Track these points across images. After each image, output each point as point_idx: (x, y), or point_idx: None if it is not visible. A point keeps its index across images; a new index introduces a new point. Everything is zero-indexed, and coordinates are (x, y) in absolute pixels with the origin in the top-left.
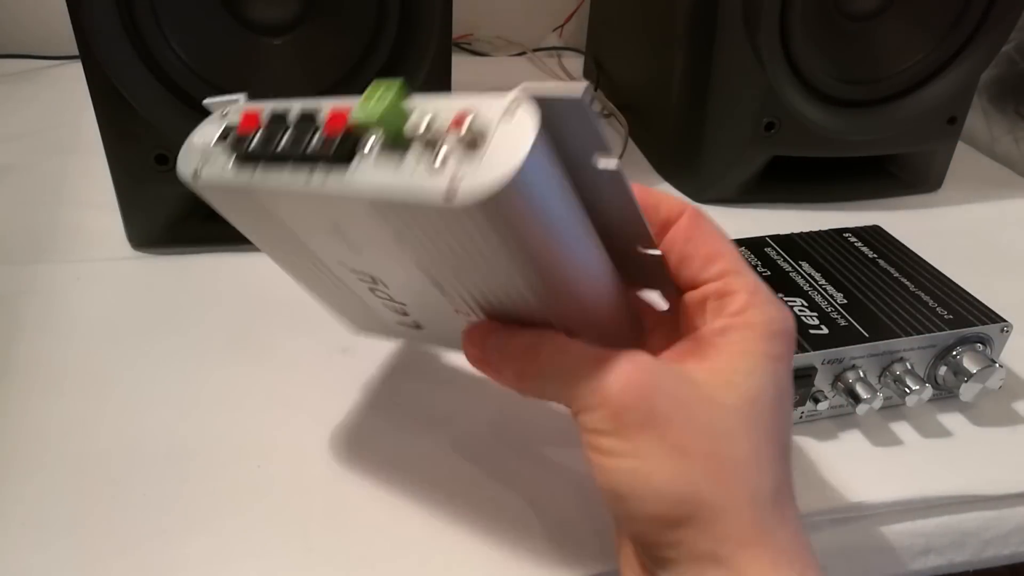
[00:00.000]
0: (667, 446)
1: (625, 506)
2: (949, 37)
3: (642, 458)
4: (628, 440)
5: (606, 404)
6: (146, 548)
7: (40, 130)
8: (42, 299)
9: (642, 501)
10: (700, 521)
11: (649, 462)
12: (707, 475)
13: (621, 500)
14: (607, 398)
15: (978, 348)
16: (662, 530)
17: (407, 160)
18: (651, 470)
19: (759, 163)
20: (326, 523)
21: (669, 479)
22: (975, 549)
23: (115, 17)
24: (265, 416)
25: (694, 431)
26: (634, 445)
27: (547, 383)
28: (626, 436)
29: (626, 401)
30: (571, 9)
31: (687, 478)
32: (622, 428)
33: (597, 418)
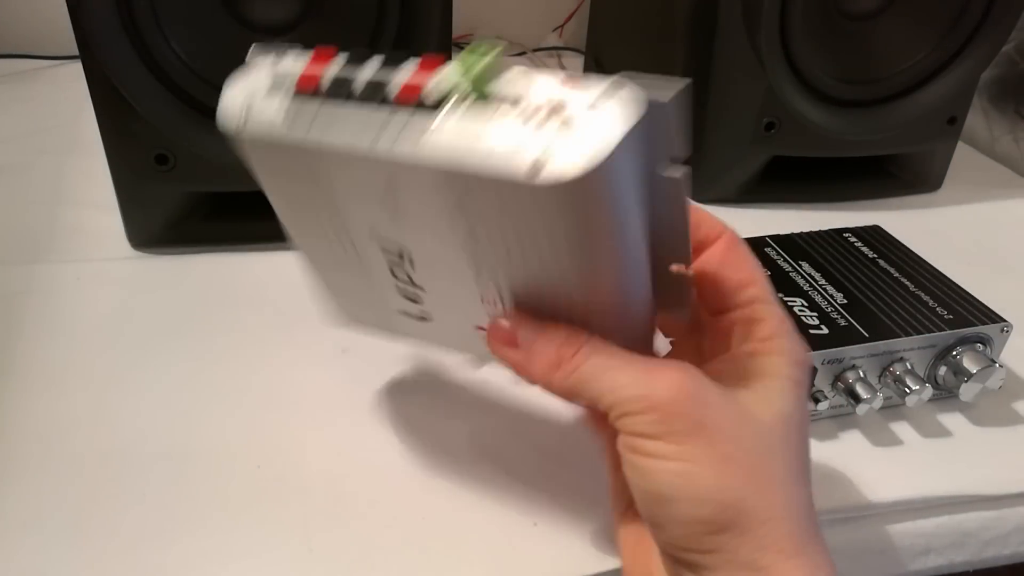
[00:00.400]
0: (715, 454)
1: (668, 509)
2: (949, 37)
3: (690, 462)
4: (677, 444)
5: (656, 409)
6: (146, 548)
7: (40, 130)
8: (42, 299)
9: (687, 503)
10: (742, 529)
11: (697, 467)
12: (750, 485)
13: (664, 503)
14: (657, 403)
15: (978, 348)
16: (703, 536)
17: (493, 127)
18: (698, 474)
19: (759, 163)
20: (326, 523)
21: (715, 485)
22: (975, 549)
23: (115, 17)
24: (265, 416)
25: (739, 443)
26: (683, 449)
27: (586, 383)
28: (675, 441)
29: (677, 408)
30: (571, 9)
31: (733, 485)
32: (671, 433)
33: (645, 422)
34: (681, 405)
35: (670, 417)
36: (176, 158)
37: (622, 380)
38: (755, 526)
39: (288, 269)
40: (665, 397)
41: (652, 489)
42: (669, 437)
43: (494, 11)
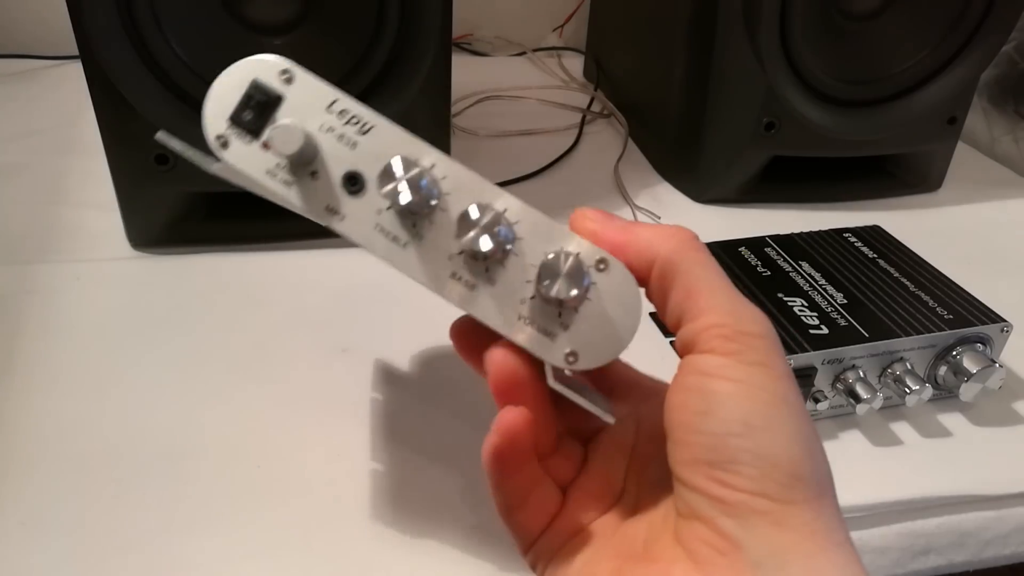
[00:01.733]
0: (799, 402)
1: (752, 440)
2: (949, 37)
3: (783, 400)
4: (772, 379)
5: (759, 337)
6: (145, 548)
7: (40, 130)
8: (42, 299)
9: (781, 436)
10: (822, 487)
11: (787, 407)
12: (821, 451)
13: (749, 433)
14: (760, 333)
15: (978, 348)
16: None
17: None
18: (790, 414)
19: (759, 163)
20: (325, 523)
21: (804, 430)
22: (975, 549)
23: (115, 17)
24: (265, 416)
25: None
26: (776, 385)
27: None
28: (769, 375)
29: (777, 346)
30: (571, 9)
31: (815, 440)
32: (767, 364)
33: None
34: (777, 345)
35: (768, 350)
36: (176, 158)
37: (728, 293)
38: (831, 492)
39: (288, 269)
40: (765, 330)
41: (736, 417)
42: (762, 368)
43: (494, 11)
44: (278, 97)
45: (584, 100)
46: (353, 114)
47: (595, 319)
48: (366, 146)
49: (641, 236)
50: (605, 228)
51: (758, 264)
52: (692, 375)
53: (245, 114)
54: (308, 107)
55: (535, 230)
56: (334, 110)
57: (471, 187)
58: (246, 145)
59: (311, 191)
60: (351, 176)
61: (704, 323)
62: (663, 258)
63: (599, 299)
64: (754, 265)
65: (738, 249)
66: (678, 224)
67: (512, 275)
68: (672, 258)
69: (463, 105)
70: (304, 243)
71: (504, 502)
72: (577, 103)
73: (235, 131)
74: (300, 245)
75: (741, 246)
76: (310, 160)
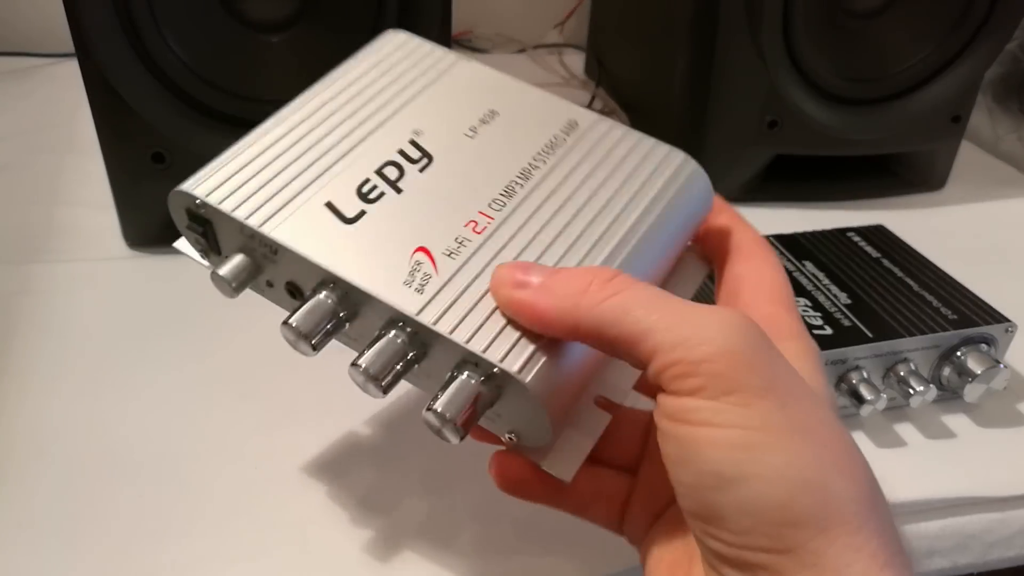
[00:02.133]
0: (789, 420)
1: (729, 494)
2: (953, 35)
3: (759, 431)
4: (742, 407)
5: (713, 359)
6: (142, 549)
7: (36, 128)
8: (38, 299)
9: (756, 483)
10: (828, 521)
11: (767, 436)
12: (835, 464)
13: (724, 486)
14: (715, 352)
15: (982, 348)
16: (777, 528)
17: None
18: (770, 446)
19: (762, 162)
20: (324, 524)
21: (791, 461)
22: (980, 551)
23: (112, 14)
24: (263, 417)
25: (813, 411)
26: (748, 414)
27: (622, 315)
28: (739, 402)
29: (741, 360)
30: (572, 5)
31: (813, 462)
32: (734, 392)
33: (697, 377)
34: (745, 356)
35: (732, 371)
36: (172, 157)
37: (668, 319)
38: (845, 518)
39: None
40: (724, 345)
41: (707, 469)
42: (730, 397)
43: (494, 8)
44: (208, 222)
45: (585, 98)
46: (259, 237)
47: (513, 416)
48: (282, 264)
49: (553, 306)
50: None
51: None
52: (662, 419)
53: (198, 244)
54: (230, 232)
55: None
56: (245, 233)
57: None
58: (219, 259)
59: (277, 296)
60: (291, 287)
61: (656, 367)
62: (584, 326)
63: (507, 403)
64: None
65: None
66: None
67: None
68: (590, 321)
69: None
70: None
71: (566, 510)
72: (578, 101)
73: (204, 251)
74: None
75: None
76: (257, 274)
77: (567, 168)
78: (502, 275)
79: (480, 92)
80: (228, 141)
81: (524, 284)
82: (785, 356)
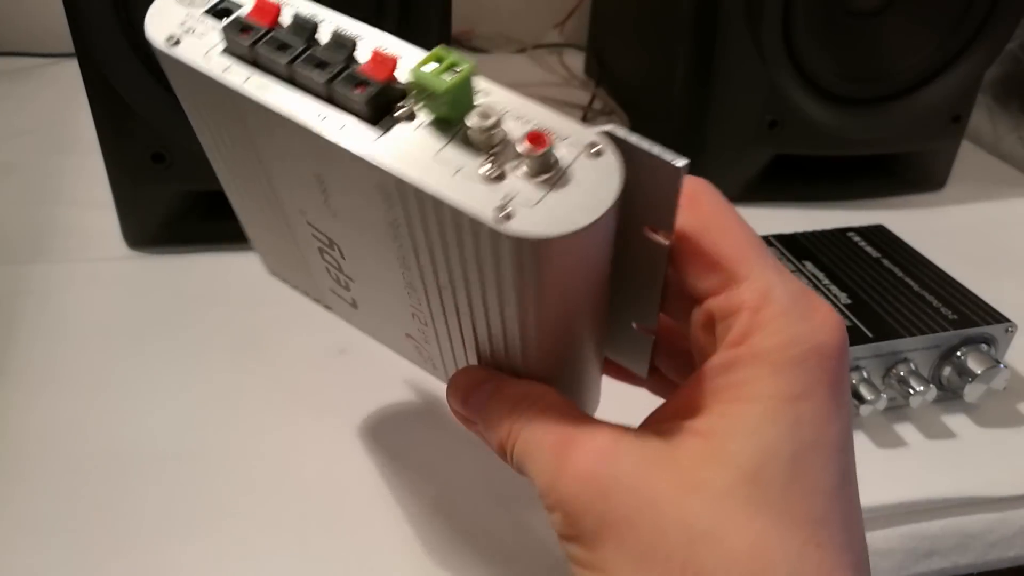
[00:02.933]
0: (630, 555)
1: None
2: (953, 34)
3: (604, 572)
4: (591, 549)
5: (560, 505)
6: (143, 549)
7: (35, 128)
8: (37, 299)
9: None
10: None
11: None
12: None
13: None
14: (561, 499)
15: (983, 348)
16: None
17: (454, 154)
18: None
19: (762, 161)
20: (324, 525)
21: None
22: (979, 552)
23: (111, 14)
24: (263, 417)
25: (664, 533)
26: (595, 557)
27: (522, 466)
28: (588, 544)
29: (580, 503)
30: (572, 5)
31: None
32: (582, 535)
33: (557, 522)
34: (583, 497)
35: (575, 516)
36: (173, 157)
37: (539, 465)
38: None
39: None
40: (569, 489)
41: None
42: (582, 539)
43: (494, 7)
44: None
45: (585, 97)
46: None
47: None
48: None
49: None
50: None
51: None
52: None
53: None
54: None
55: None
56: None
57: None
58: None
59: None
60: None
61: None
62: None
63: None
64: None
65: None
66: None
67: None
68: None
69: None
70: None
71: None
72: (578, 100)
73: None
74: None
75: None
76: None
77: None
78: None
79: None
80: None
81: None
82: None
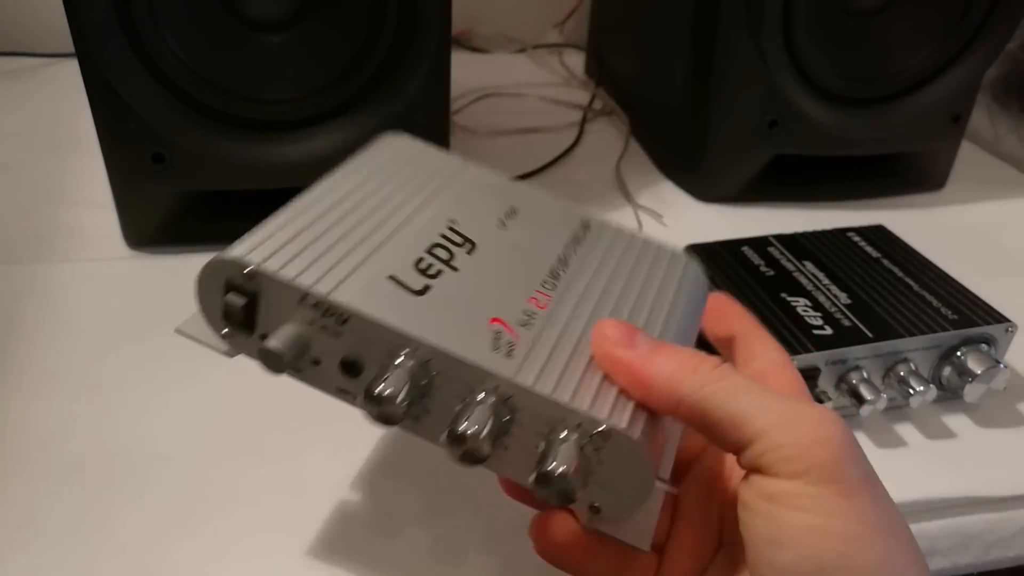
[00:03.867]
0: (883, 517)
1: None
2: (953, 34)
3: (859, 525)
4: (846, 499)
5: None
6: (143, 549)
7: (35, 128)
8: (38, 299)
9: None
10: None
11: (867, 531)
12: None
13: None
14: (823, 440)
15: (983, 348)
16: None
17: None
18: (869, 541)
19: (762, 161)
20: (324, 525)
21: (884, 558)
22: (979, 551)
23: (111, 14)
24: (263, 417)
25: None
26: (851, 506)
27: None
28: (844, 494)
29: (848, 454)
30: (572, 5)
31: (902, 560)
32: (838, 480)
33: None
34: (846, 447)
35: (835, 460)
36: (172, 156)
37: (776, 406)
38: None
39: None
40: (829, 434)
41: (807, 554)
42: (832, 486)
43: (494, 7)
44: (254, 295)
45: (585, 97)
46: (327, 306)
47: (607, 481)
48: (349, 335)
49: (660, 376)
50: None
51: (761, 264)
52: (759, 500)
53: (234, 317)
54: (283, 303)
55: (530, 405)
56: (307, 303)
57: (457, 370)
58: (248, 339)
59: (320, 376)
60: (346, 364)
61: (760, 448)
62: (687, 402)
63: (607, 466)
64: (757, 264)
65: (741, 248)
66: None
67: (521, 444)
68: (695, 399)
69: (463, 103)
70: None
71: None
72: (578, 100)
73: (233, 329)
74: None
75: (744, 245)
76: (305, 352)
77: (596, 260)
78: (608, 329)
79: (496, 191)
80: (228, 141)
81: (631, 345)
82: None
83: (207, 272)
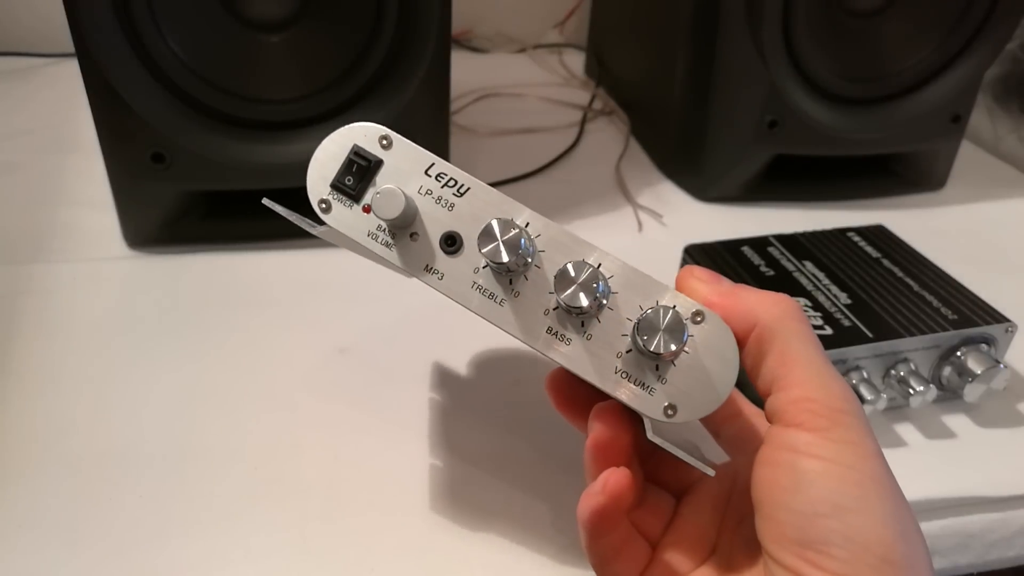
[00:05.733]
0: (891, 481)
1: (841, 521)
2: (953, 34)
3: (872, 480)
4: (860, 457)
5: (848, 411)
6: (142, 550)
7: (36, 128)
8: (38, 299)
9: (870, 517)
10: (917, 573)
11: (878, 487)
12: (918, 531)
13: (838, 514)
14: (850, 407)
15: (982, 348)
16: (880, 563)
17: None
18: (880, 495)
19: (762, 161)
20: (324, 525)
21: (896, 511)
22: (979, 552)
23: (111, 14)
24: (262, 417)
25: (896, 484)
26: (865, 465)
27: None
28: (859, 453)
29: (864, 420)
30: (572, 5)
31: (908, 520)
32: (855, 442)
33: (826, 419)
34: (864, 419)
35: (856, 425)
36: (172, 157)
37: (821, 367)
38: (925, 572)
39: (285, 268)
40: (854, 404)
41: (823, 496)
42: (850, 446)
43: (494, 7)
44: (379, 162)
45: (585, 97)
46: (450, 177)
47: (692, 372)
48: (463, 207)
49: (745, 300)
50: (711, 289)
51: (761, 264)
52: (780, 451)
53: (347, 179)
54: (407, 171)
55: (629, 283)
56: (431, 173)
57: (565, 243)
58: (348, 209)
59: (411, 251)
60: (449, 237)
61: (795, 395)
62: (763, 324)
63: (696, 352)
64: (757, 264)
65: (741, 248)
66: (779, 294)
67: (608, 329)
68: (773, 325)
69: (463, 103)
70: (302, 242)
71: (597, 558)
72: (578, 100)
73: (337, 196)
74: (298, 244)
75: (744, 245)
76: (410, 222)
77: None
78: (696, 271)
79: None
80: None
81: (718, 281)
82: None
83: (341, 133)
